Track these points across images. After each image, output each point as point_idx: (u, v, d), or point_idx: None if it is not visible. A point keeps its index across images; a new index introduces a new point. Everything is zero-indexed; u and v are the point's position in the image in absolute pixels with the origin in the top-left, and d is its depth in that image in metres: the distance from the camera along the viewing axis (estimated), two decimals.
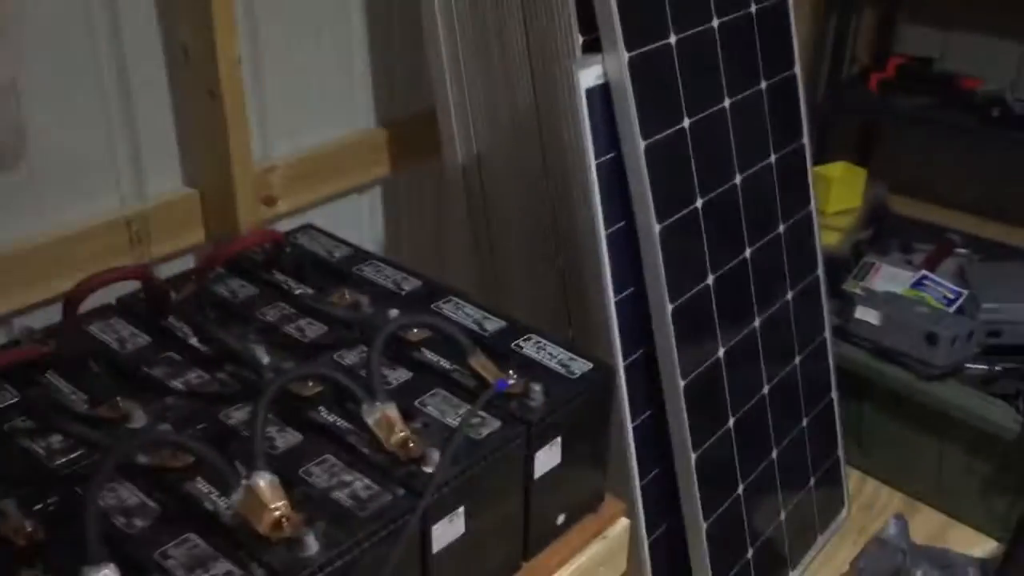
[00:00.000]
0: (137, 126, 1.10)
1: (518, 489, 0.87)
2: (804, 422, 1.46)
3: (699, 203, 1.17)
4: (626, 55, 1.05)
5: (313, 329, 0.97)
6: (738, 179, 1.24)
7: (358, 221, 1.42)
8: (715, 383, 1.23)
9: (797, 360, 1.42)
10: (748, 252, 1.27)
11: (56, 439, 0.80)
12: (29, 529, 0.70)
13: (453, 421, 0.84)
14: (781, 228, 1.35)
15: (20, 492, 0.74)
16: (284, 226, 1.24)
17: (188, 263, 1.19)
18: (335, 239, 1.16)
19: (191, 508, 0.74)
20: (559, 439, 0.88)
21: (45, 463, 0.78)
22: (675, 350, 1.14)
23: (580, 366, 0.92)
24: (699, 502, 1.21)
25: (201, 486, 0.75)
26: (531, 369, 0.91)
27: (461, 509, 0.80)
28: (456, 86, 1.22)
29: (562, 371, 0.91)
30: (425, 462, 0.78)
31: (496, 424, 0.84)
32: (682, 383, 1.16)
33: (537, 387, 0.87)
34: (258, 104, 1.21)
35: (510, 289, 1.31)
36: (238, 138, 1.11)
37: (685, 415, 1.17)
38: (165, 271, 1.16)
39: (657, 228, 1.10)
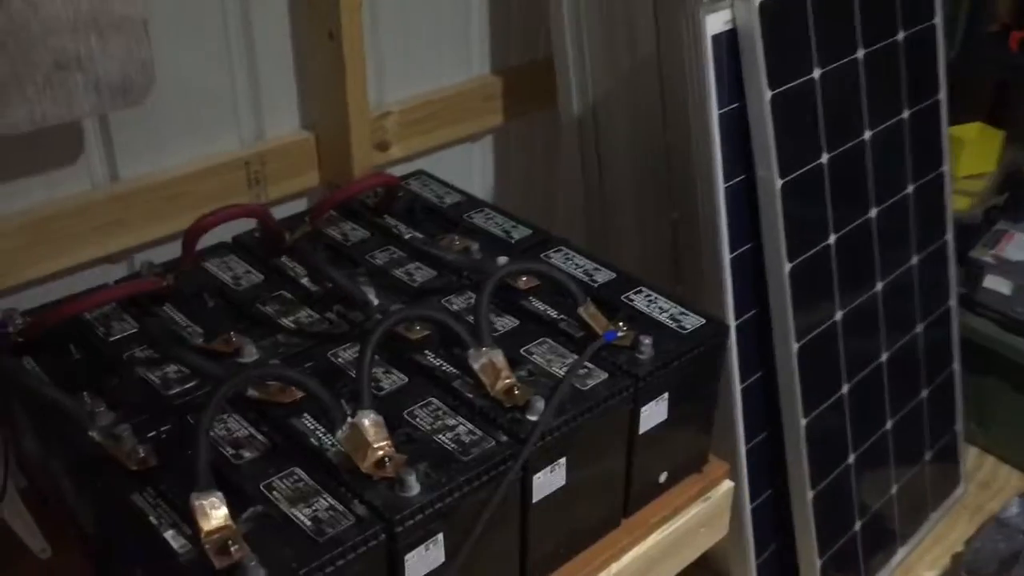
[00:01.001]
0: (258, 67, 1.11)
1: (622, 443, 0.85)
2: (923, 394, 1.39)
3: (824, 159, 1.11)
4: (756, 1, 1.00)
5: (422, 273, 0.97)
6: (867, 135, 1.18)
7: (469, 169, 1.41)
8: (830, 348, 1.18)
9: (919, 328, 1.35)
10: (873, 212, 1.21)
11: (171, 369, 0.82)
12: (142, 454, 0.72)
13: (559, 371, 0.82)
14: (910, 189, 1.28)
15: (135, 419, 0.76)
16: (396, 172, 1.24)
17: (301, 206, 1.20)
18: (447, 185, 1.15)
19: (297, 443, 0.75)
20: (667, 395, 0.86)
21: (160, 392, 0.80)
22: (790, 311, 1.10)
23: (692, 321, 0.90)
24: (807, 470, 1.17)
25: (307, 422, 0.76)
26: (641, 322, 0.89)
27: (563, 460, 0.79)
28: (575, 33, 1.19)
29: (673, 325, 0.89)
30: (529, 410, 0.77)
31: (603, 376, 0.82)
32: (796, 345, 1.12)
33: (647, 340, 0.84)
34: (375, 49, 1.21)
35: (620, 242, 1.29)
36: (355, 82, 1.11)
37: (797, 379, 1.13)
38: (278, 213, 1.17)
39: (779, 183, 1.06)
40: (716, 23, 0.99)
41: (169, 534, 0.67)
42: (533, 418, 0.77)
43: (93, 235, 1.02)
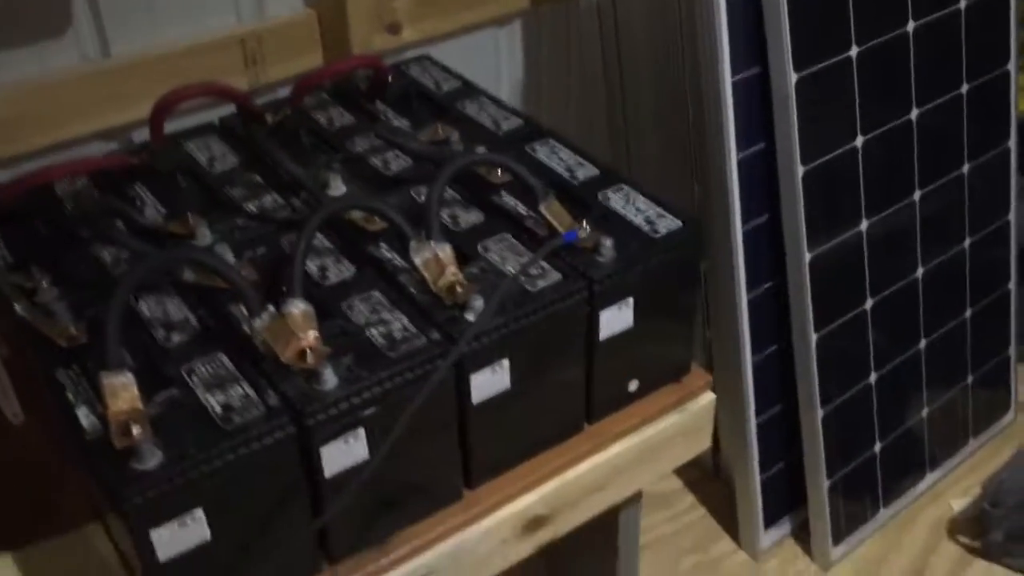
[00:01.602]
0: None
1: (579, 349, 0.81)
2: (967, 313, 1.29)
3: (853, 52, 1.01)
4: None
5: (398, 163, 0.93)
6: (911, 25, 1.07)
7: (496, 58, 1.35)
8: (851, 260, 1.10)
9: (967, 243, 1.25)
10: (914, 113, 1.11)
11: (124, 249, 0.82)
12: (73, 332, 0.72)
13: (512, 269, 0.79)
14: (964, 87, 1.16)
15: (76, 296, 0.76)
16: (416, 55, 1.19)
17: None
18: (449, 73, 1.10)
19: (230, 329, 0.74)
20: (631, 300, 0.81)
21: (110, 271, 0.80)
22: (802, 218, 1.02)
23: (667, 224, 0.84)
24: (816, 385, 1.11)
25: (243, 308, 0.75)
26: (611, 222, 0.84)
27: (505, 362, 0.76)
28: None
29: (645, 228, 0.83)
30: (468, 309, 0.74)
31: (556, 277, 0.78)
32: (808, 256, 1.05)
33: (608, 242, 0.79)
34: None
35: (642, 138, 1.22)
36: None
37: (808, 292, 1.06)
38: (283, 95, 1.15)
39: (794, 77, 0.97)
40: None
41: (82, 411, 0.67)
42: (470, 317, 0.73)
43: (85, 109, 1.01)
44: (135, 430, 0.63)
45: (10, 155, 0.98)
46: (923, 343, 1.24)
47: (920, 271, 1.19)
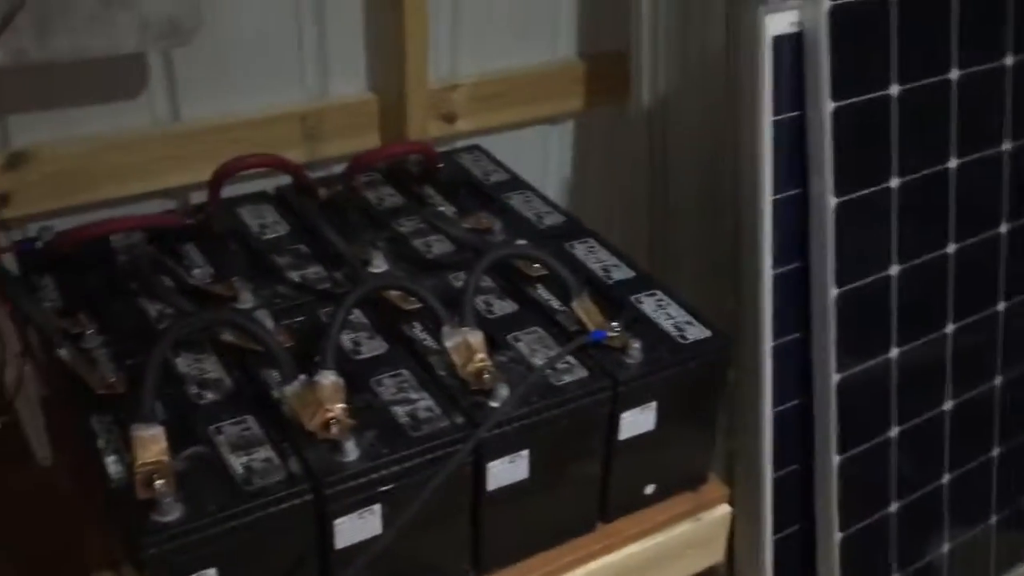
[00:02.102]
0: (327, 22, 1.12)
1: (598, 447, 0.82)
2: (994, 452, 1.28)
3: (894, 183, 1.04)
4: (828, 3, 0.94)
5: (440, 247, 0.96)
6: (953, 163, 1.09)
7: (545, 153, 1.39)
8: (879, 386, 1.10)
9: (998, 381, 1.24)
10: (951, 247, 1.12)
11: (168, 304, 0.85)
12: (112, 380, 0.75)
13: (539, 362, 0.80)
14: (1004, 227, 1.17)
15: (119, 346, 0.79)
16: (461, 145, 1.23)
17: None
18: (498, 164, 1.14)
19: (260, 392, 0.76)
20: (654, 404, 0.82)
21: (152, 324, 0.83)
22: (832, 340, 1.03)
23: (697, 333, 0.85)
24: (835, 509, 1.10)
25: (275, 374, 0.77)
26: (642, 325, 0.85)
27: (525, 452, 0.77)
28: (651, 22, 1.15)
29: (674, 334, 0.85)
30: (493, 396, 0.75)
31: (582, 374, 0.79)
32: (835, 377, 1.05)
33: (636, 344, 0.81)
34: (453, 18, 1.20)
35: (679, 243, 1.24)
36: (416, 48, 1.11)
37: (833, 414, 1.06)
38: (337, 171, 1.19)
39: (833, 202, 0.99)
40: (780, 23, 0.93)
41: (110, 459, 0.69)
42: (494, 404, 0.75)
43: (150, 168, 1.06)
44: (159, 483, 0.65)
45: (73, 205, 1.03)
46: (947, 477, 1.22)
47: (948, 404, 1.18)
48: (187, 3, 0.91)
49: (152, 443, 0.67)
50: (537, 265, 0.91)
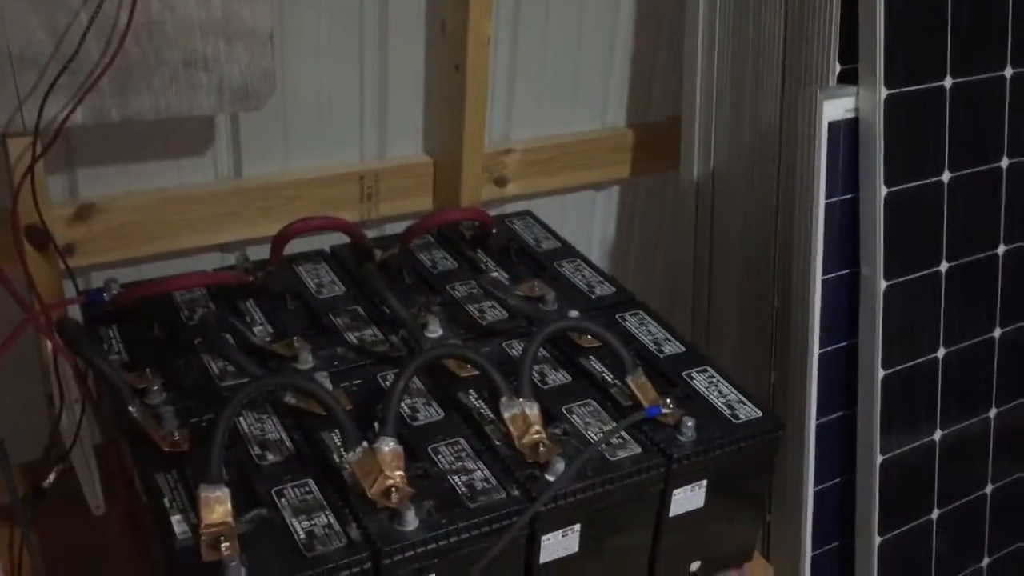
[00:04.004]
0: (388, 89, 1.15)
1: (648, 523, 0.83)
2: None
3: (943, 267, 1.05)
4: (884, 92, 0.96)
5: (493, 313, 0.97)
6: (1001, 249, 1.10)
7: (590, 217, 1.41)
8: (922, 468, 1.10)
9: None
10: (998, 332, 1.13)
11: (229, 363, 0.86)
12: (176, 437, 0.76)
13: (594, 436, 0.81)
14: None
15: (183, 403, 0.81)
16: (513, 209, 1.25)
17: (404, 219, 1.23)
18: (548, 231, 1.16)
19: (320, 456, 0.77)
20: (704, 482, 0.83)
21: (215, 382, 0.85)
22: (877, 420, 1.03)
23: (747, 411, 0.86)
24: None
25: (335, 438, 0.78)
26: (693, 402, 0.86)
27: (577, 527, 0.78)
28: (705, 96, 1.18)
29: (726, 412, 0.86)
30: (549, 469, 0.76)
31: (636, 450, 0.80)
32: (879, 458, 1.05)
33: (690, 422, 0.82)
34: (507, 85, 1.23)
35: (723, 316, 1.25)
36: (474, 115, 1.14)
37: (876, 494, 1.06)
38: (390, 230, 1.21)
39: (883, 285, 1.00)
40: (836, 109, 0.95)
41: (176, 518, 0.70)
42: (550, 478, 0.76)
43: (212, 223, 1.09)
44: (224, 545, 0.66)
45: (136, 256, 1.06)
46: (986, 560, 1.22)
47: (990, 488, 1.18)
48: (263, 70, 0.94)
49: (218, 504, 0.69)
50: (589, 336, 0.92)
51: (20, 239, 0.92)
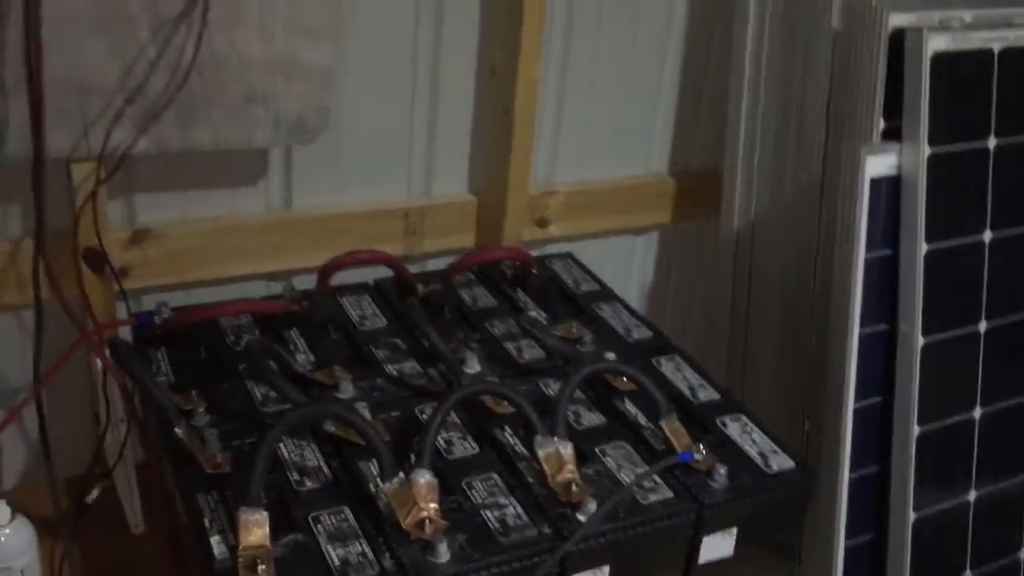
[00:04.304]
0: (437, 128, 1.18)
1: (676, 568, 0.83)
2: None
3: (982, 327, 1.05)
4: (928, 150, 0.97)
5: (531, 352, 0.99)
6: None
7: (629, 261, 1.42)
8: (955, 528, 1.09)
9: None
10: None
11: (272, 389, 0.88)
12: (219, 459, 0.78)
13: (626, 478, 0.82)
14: None
15: (226, 426, 0.83)
16: (553, 250, 1.27)
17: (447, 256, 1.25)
18: (588, 273, 1.17)
19: (357, 484, 0.79)
20: (735, 531, 0.83)
21: (258, 407, 0.87)
22: (911, 477, 1.03)
23: (780, 462, 0.86)
24: None
25: (372, 467, 0.80)
26: (726, 450, 0.87)
27: (607, 568, 0.78)
28: (748, 147, 1.19)
29: (758, 461, 0.86)
30: (581, 509, 0.77)
31: (668, 494, 0.81)
32: (912, 515, 1.05)
33: (723, 470, 0.82)
34: (554, 128, 1.26)
35: (758, 364, 1.25)
36: (520, 158, 1.16)
37: (908, 552, 1.05)
38: (432, 265, 1.24)
39: (921, 341, 1.00)
40: (879, 165, 0.96)
41: (215, 539, 0.72)
42: (582, 518, 0.77)
43: (260, 252, 1.12)
44: (261, 568, 0.68)
45: (186, 281, 1.09)
46: None
47: (1023, 553, 1.17)
48: (318, 106, 0.97)
49: (256, 527, 0.71)
50: (625, 379, 0.93)
51: (78, 261, 0.95)
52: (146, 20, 0.88)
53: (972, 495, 1.09)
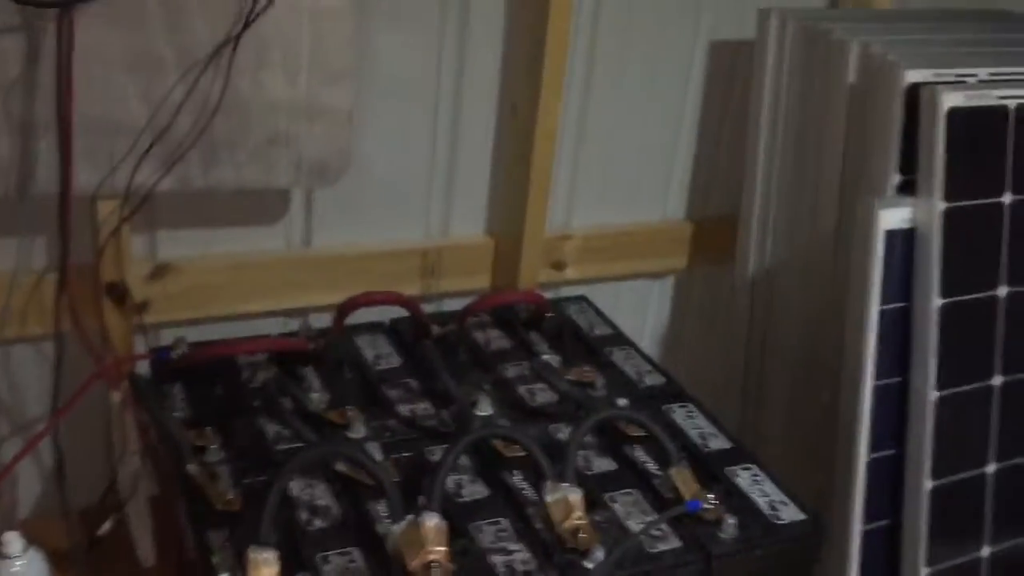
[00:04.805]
0: (456, 169, 1.20)
1: None
2: None
3: (996, 381, 1.04)
4: (942, 205, 0.97)
5: (544, 396, 0.99)
6: None
7: (644, 305, 1.43)
8: None
9: None
10: None
11: (286, 426, 0.89)
12: (230, 497, 0.79)
13: (635, 526, 0.82)
14: None
15: (239, 463, 0.84)
16: (572, 291, 1.28)
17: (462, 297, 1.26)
18: (602, 317, 1.18)
19: (366, 525, 0.79)
20: None
21: (270, 444, 0.88)
22: (923, 533, 1.02)
23: (790, 513, 0.86)
24: None
25: (381, 508, 0.80)
26: (736, 500, 0.87)
27: None
28: (764, 195, 1.20)
29: (767, 512, 0.86)
30: (588, 557, 0.77)
31: (676, 543, 0.81)
32: (925, 571, 1.04)
33: (732, 520, 0.82)
34: (571, 171, 1.27)
35: (771, 413, 1.25)
36: (537, 201, 1.17)
37: None
38: (447, 305, 1.24)
39: (934, 395, 1.00)
40: (893, 218, 0.97)
41: None
42: (589, 565, 0.77)
43: (278, 289, 1.13)
44: None
45: (203, 316, 1.10)
46: None
47: None
48: (339, 148, 0.99)
49: (265, 566, 0.71)
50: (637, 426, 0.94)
51: (100, 295, 0.97)
52: (175, 62, 0.90)
53: (986, 551, 1.08)
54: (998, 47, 1.14)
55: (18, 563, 0.78)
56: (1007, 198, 1.01)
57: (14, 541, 0.78)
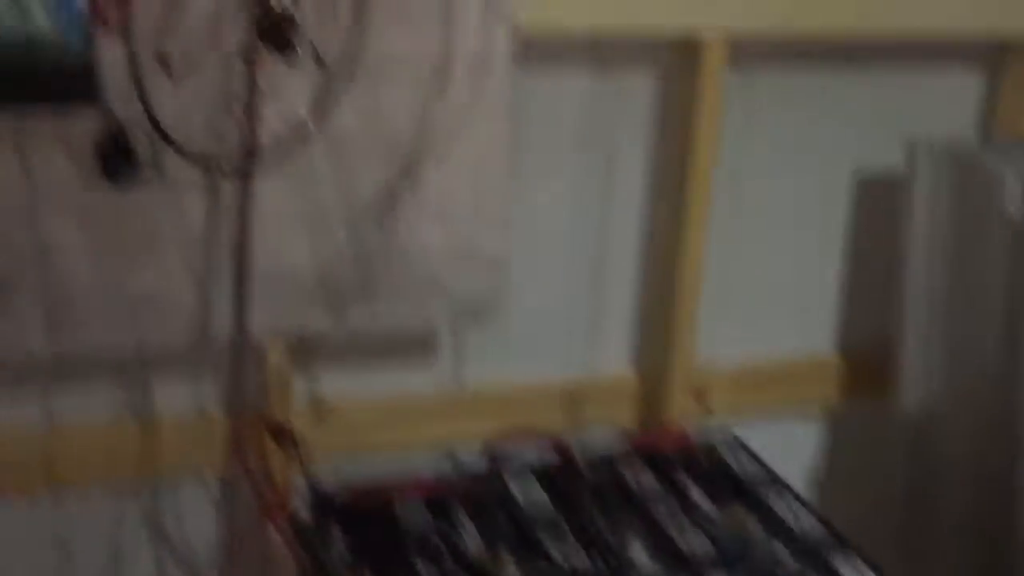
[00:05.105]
0: (601, 307, 1.21)
1: None
2: None
3: None
4: None
5: (697, 541, 0.97)
6: None
7: (794, 444, 1.38)
8: None
9: None
10: None
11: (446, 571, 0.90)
12: None
13: None
14: None
15: None
16: (719, 426, 1.25)
17: (609, 433, 1.25)
18: (755, 459, 1.15)
19: None
20: None
21: None
22: None
23: None
24: None
25: None
26: None
27: None
28: (921, 329, 1.16)
29: None
30: None
31: None
32: None
33: None
34: (715, 305, 1.26)
35: (939, 561, 1.18)
36: (684, 332, 1.17)
37: None
38: (593, 436, 1.24)
39: None
40: None
41: None
42: None
43: (428, 427, 1.16)
44: None
45: (355, 451, 1.13)
46: None
47: None
48: (493, 291, 1.02)
49: None
50: None
51: (263, 435, 1.01)
52: (342, 217, 0.95)
53: None
54: None
55: None
56: None
57: None
